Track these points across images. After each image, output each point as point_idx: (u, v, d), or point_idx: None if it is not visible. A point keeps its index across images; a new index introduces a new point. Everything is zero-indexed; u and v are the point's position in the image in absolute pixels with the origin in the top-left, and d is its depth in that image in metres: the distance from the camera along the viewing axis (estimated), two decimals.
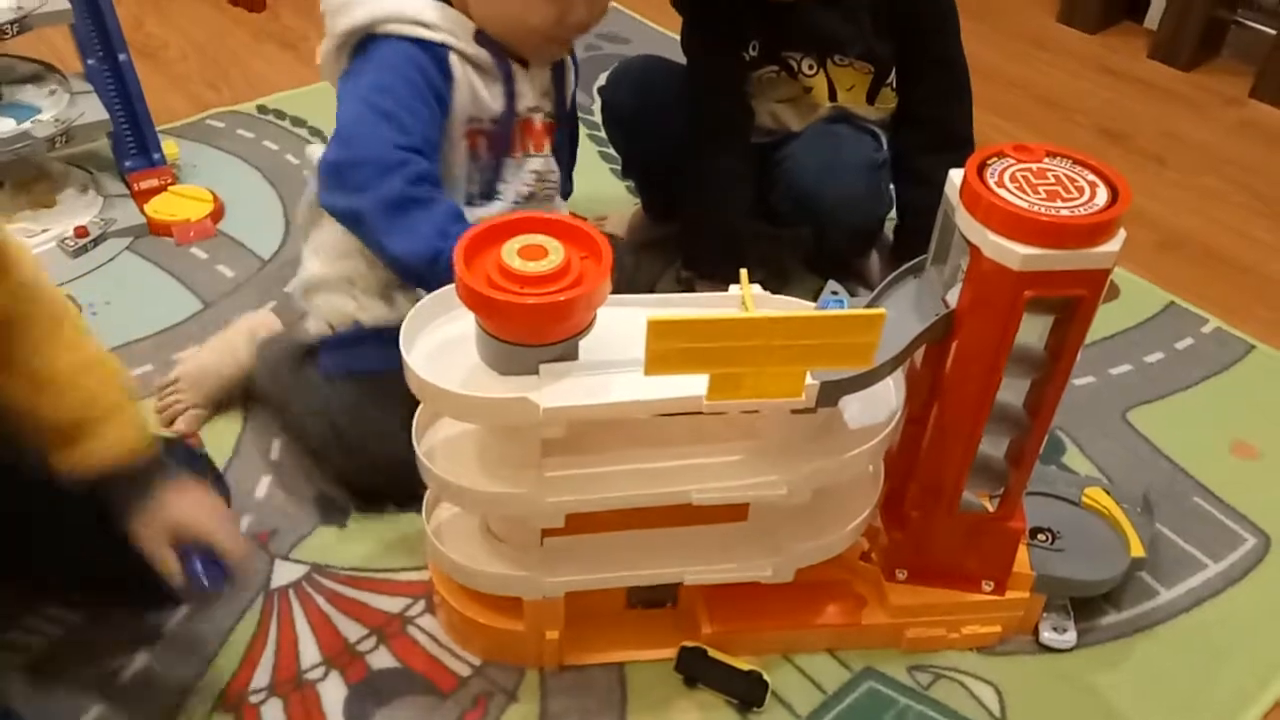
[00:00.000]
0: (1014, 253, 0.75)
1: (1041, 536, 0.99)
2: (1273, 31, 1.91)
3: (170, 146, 1.54)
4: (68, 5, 1.34)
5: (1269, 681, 0.98)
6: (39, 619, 0.97)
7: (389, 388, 1.01)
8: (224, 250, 1.43)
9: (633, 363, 0.76)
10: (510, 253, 0.76)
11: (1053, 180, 0.78)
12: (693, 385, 0.77)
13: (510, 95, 1.07)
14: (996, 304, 0.78)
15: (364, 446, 1.04)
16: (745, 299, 0.83)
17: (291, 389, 1.09)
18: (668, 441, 0.85)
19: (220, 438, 1.16)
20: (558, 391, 0.77)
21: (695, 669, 0.94)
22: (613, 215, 1.49)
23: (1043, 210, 0.75)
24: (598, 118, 1.48)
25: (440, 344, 0.82)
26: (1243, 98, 1.95)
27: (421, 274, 0.95)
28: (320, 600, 1.00)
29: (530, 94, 1.09)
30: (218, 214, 1.48)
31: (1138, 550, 1.00)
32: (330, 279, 1.08)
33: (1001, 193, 0.76)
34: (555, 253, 0.76)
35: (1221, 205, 1.66)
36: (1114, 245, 0.75)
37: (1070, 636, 0.99)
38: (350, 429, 1.04)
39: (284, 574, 1.02)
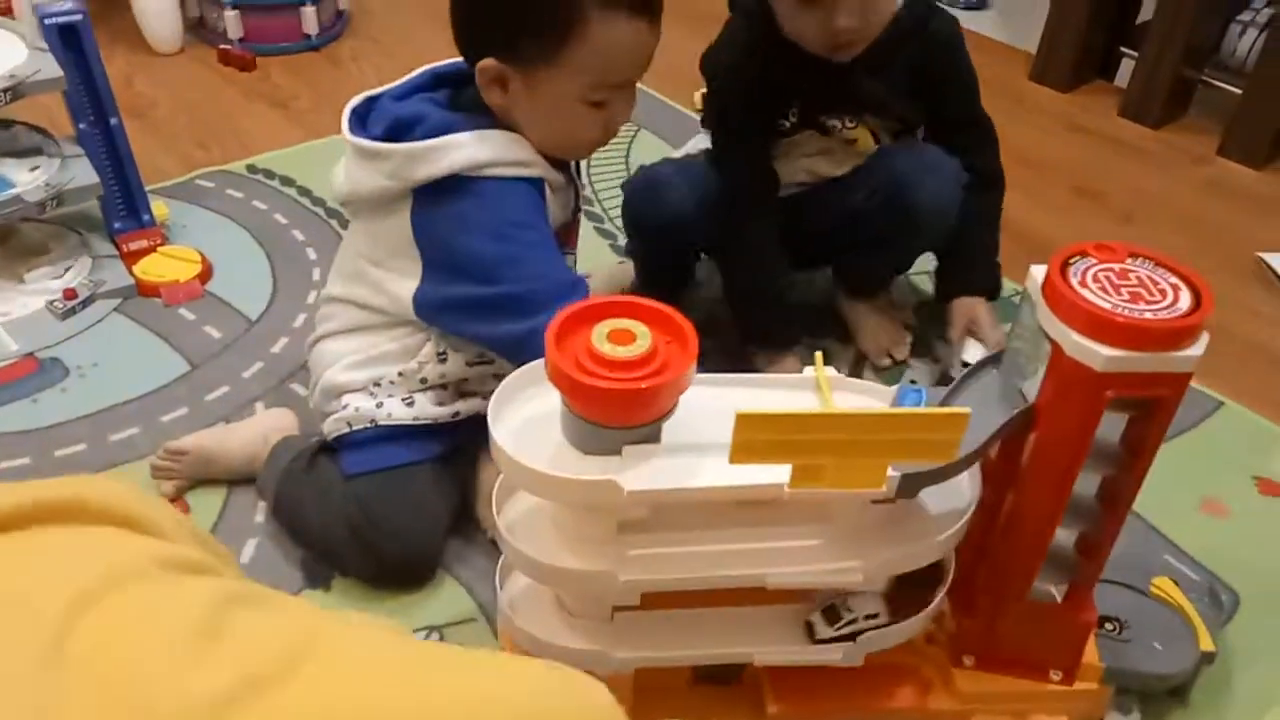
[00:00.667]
0: (1097, 353, 0.75)
1: (1109, 626, 0.98)
2: (1238, 91, 1.96)
3: (160, 207, 1.56)
4: (60, 73, 1.36)
5: None
6: None
7: (406, 483, 1.07)
8: (212, 311, 1.45)
9: (715, 446, 0.76)
10: (600, 336, 0.76)
11: (1135, 282, 0.79)
12: (774, 473, 0.78)
13: (575, 202, 1.14)
14: (1077, 402, 0.78)
15: (381, 541, 1.06)
16: (820, 384, 0.84)
17: (305, 489, 1.11)
18: (741, 521, 0.85)
19: (206, 500, 1.17)
20: (641, 474, 0.77)
21: None
22: (597, 273, 1.52)
23: (1126, 312, 0.75)
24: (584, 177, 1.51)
25: (525, 421, 0.83)
26: (1210, 155, 1.99)
27: None
28: None
29: (579, 195, 1.16)
30: (206, 275, 1.50)
31: (1207, 644, 0.98)
32: (354, 383, 1.10)
33: (1084, 293, 0.76)
34: (643, 338, 0.77)
35: (1189, 262, 1.68)
36: (1197, 349, 0.76)
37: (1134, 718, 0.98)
38: (368, 525, 1.06)
39: None
